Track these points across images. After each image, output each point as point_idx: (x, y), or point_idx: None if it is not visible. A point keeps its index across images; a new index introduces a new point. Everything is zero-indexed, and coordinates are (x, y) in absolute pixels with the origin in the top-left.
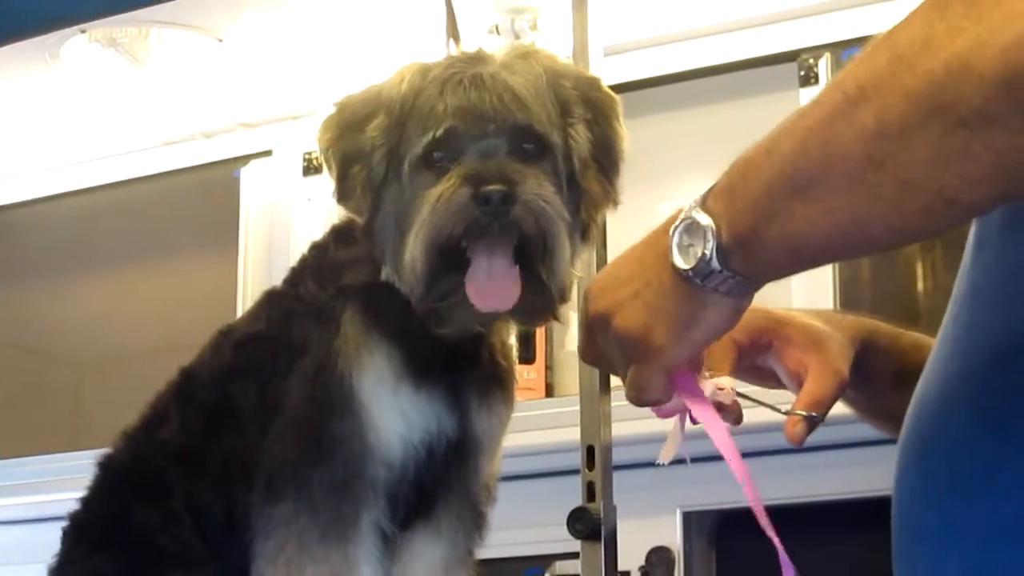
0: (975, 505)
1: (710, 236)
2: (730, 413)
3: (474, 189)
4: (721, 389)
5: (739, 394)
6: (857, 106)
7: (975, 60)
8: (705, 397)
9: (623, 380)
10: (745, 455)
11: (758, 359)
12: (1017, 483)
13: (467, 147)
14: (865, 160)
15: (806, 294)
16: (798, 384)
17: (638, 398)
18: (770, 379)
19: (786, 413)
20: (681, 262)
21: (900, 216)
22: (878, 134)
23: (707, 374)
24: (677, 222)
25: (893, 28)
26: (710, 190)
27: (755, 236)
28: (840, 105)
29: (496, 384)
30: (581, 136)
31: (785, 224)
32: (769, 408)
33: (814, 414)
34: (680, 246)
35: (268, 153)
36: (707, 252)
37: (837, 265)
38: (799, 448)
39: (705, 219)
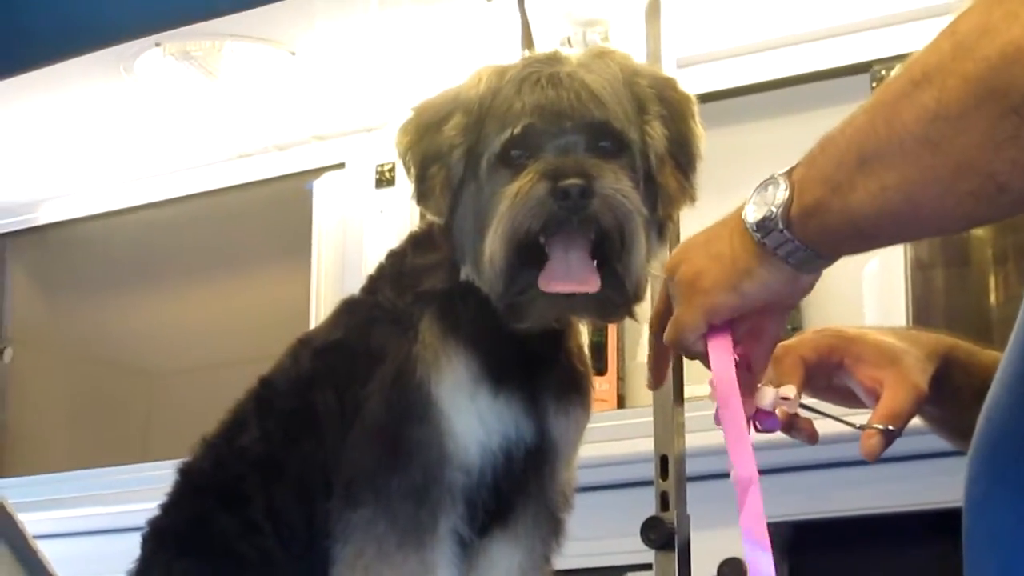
0: None
1: (781, 196)
2: (801, 431)
3: (552, 184)
4: (785, 399)
5: (805, 407)
6: (920, 88)
7: None
8: (731, 363)
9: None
10: (816, 467)
11: (833, 379)
12: None
13: (545, 144)
14: (923, 140)
15: (878, 305)
16: (875, 400)
17: (674, 333)
18: (850, 399)
19: (860, 427)
20: (750, 215)
21: (952, 197)
22: (937, 116)
23: (770, 385)
24: (761, 183)
25: (958, 16)
26: (799, 163)
27: (820, 205)
28: (906, 87)
29: (573, 389)
30: (657, 132)
31: (847, 196)
32: (842, 422)
33: (890, 427)
34: (755, 203)
35: (341, 166)
36: (774, 209)
37: (910, 278)
38: (866, 461)
39: (783, 182)
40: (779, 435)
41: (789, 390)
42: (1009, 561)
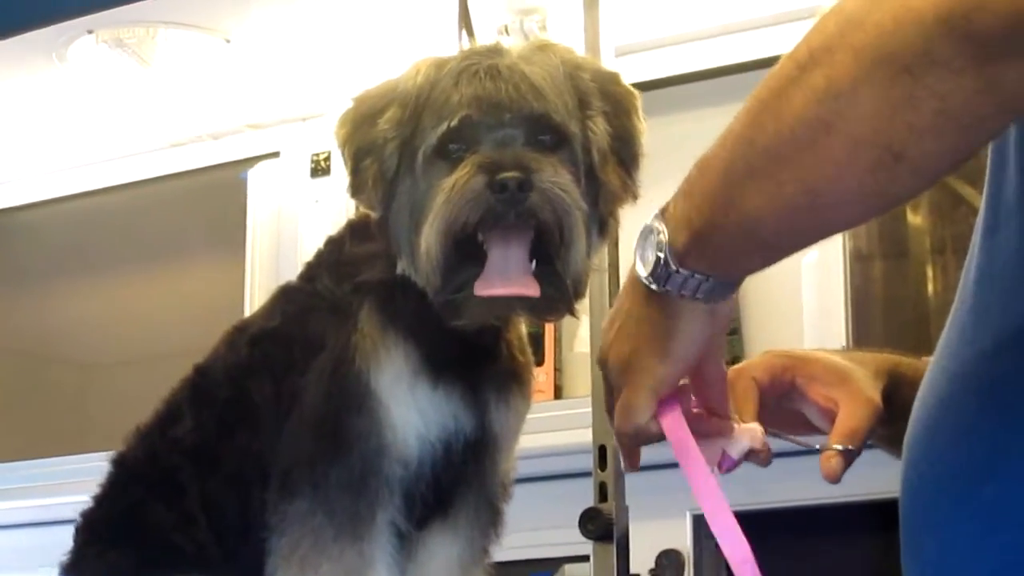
0: (983, 488)
1: (661, 237)
2: (757, 454)
3: (490, 176)
4: (754, 451)
5: (771, 433)
6: (807, 70)
7: (917, 3)
8: (685, 429)
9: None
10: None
11: (784, 401)
12: None
13: (483, 137)
14: (815, 123)
15: (817, 296)
16: (829, 420)
17: (625, 420)
18: (798, 425)
19: (819, 448)
20: (641, 271)
21: (851, 177)
22: (828, 93)
23: (737, 422)
24: (639, 237)
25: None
26: (672, 198)
27: (712, 227)
28: (791, 72)
29: (514, 380)
30: (600, 128)
31: (740, 206)
32: (802, 445)
33: (850, 447)
34: (642, 258)
35: (276, 155)
36: (660, 255)
37: (848, 269)
38: (806, 450)
39: (657, 224)
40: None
41: (757, 440)
42: (945, 545)
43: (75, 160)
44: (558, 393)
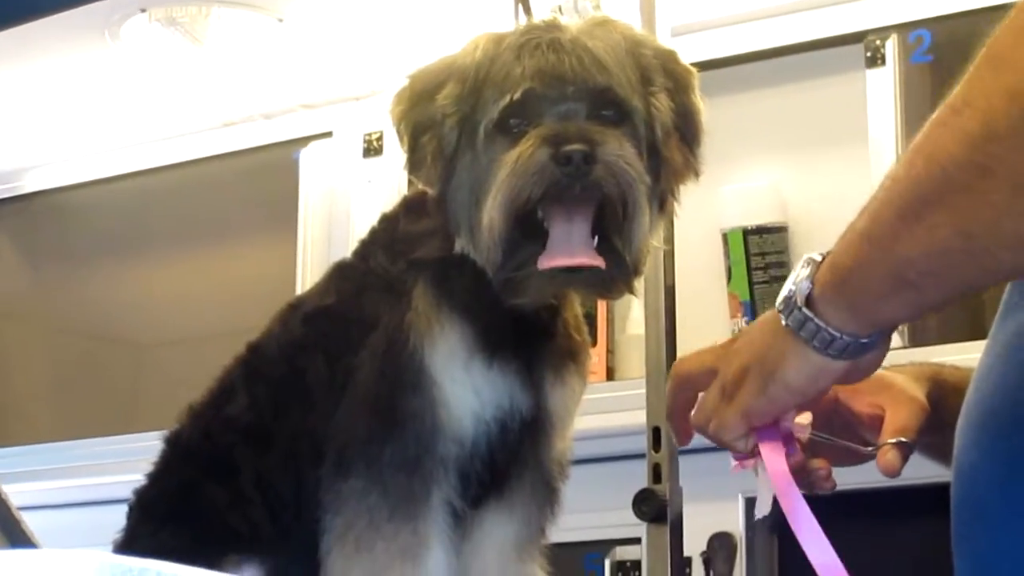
0: None
1: (804, 272)
2: (815, 473)
3: (554, 149)
4: (800, 425)
5: (817, 435)
6: (961, 114)
7: None
8: (783, 463)
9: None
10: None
11: (833, 419)
12: None
13: (545, 111)
14: (972, 165)
15: None
16: (879, 427)
17: (715, 434)
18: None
19: (873, 448)
20: (779, 297)
21: (1009, 220)
22: (984, 137)
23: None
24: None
25: (988, 42)
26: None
27: (858, 265)
28: (945, 117)
29: (570, 359)
30: (663, 105)
31: (888, 245)
32: (854, 448)
33: (903, 439)
34: (786, 284)
35: (328, 135)
36: (792, 288)
37: None
38: None
39: (810, 262)
40: None
41: (804, 417)
42: (996, 535)
43: (127, 139)
44: (610, 375)
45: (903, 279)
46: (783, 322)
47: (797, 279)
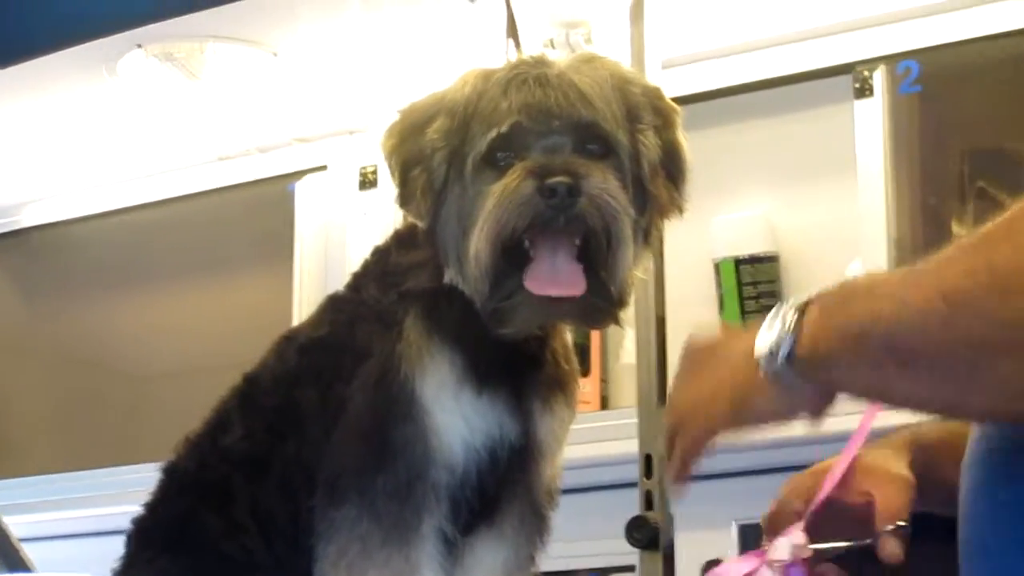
0: None
1: (788, 338)
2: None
3: (539, 181)
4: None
5: (822, 547)
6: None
7: None
8: None
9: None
10: (785, 469)
11: (828, 515)
12: None
13: (532, 144)
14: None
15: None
16: (872, 514)
17: (679, 463)
18: (853, 531)
19: (872, 540)
20: (758, 347)
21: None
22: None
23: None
24: (773, 310)
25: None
26: (819, 293)
27: (831, 362)
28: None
29: (559, 388)
30: (651, 142)
31: (864, 374)
32: (855, 546)
33: (899, 523)
34: (763, 333)
35: (323, 168)
36: (776, 344)
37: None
38: None
39: (791, 316)
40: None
41: (799, 536)
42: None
43: (124, 174)
44: (604, 404)
45: (866, 394)
46: (761, 367)
47: (779, 340)
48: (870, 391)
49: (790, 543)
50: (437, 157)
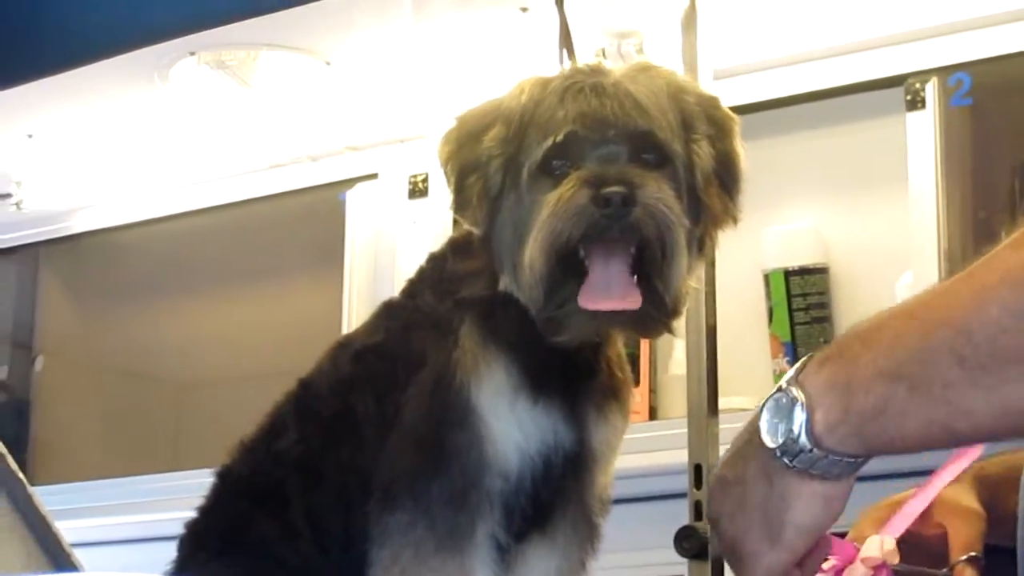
0: None
1: (799, 412)
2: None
3: (594, 191)
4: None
5: (902, 567)
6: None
7: None
8: None
9: None
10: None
11: (905, 548)
12: None
13: (587, 154)
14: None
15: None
16: (946, 546)
17: None
18: (931, 564)
19: (948, 569)
20: (769, 440)
21: None
22: None
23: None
24: (766, 398)
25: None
26: (809, 358)
27: (875, 411)
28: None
29: (613, 396)
30: (705, 152)
31: (924, 409)
32: (931, 573)
33: (972, 554)
34: (771, 425)
35: (374, 176)
36: (794, 428)
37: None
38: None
39: (793, 391)
40: None
41: (890, 541)
42: None
43: (176, 180)
44: (653, 414)
45: (924, 445)
46: (785, 463)
47: (794, 424)
48: (930, 428)
49: (880, 545)
50: (493, 164)
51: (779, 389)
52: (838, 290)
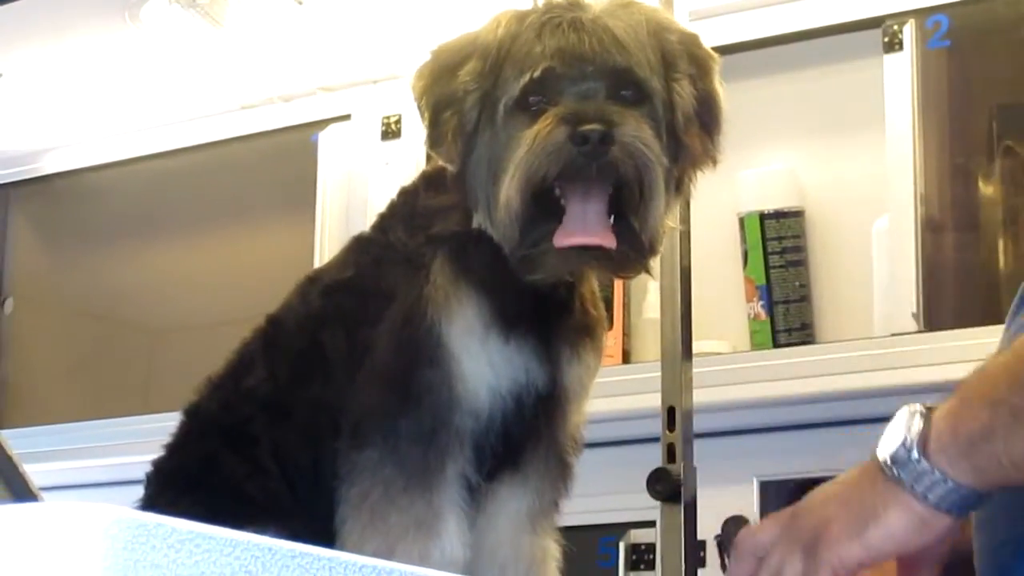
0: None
1: (915, 423)
2: None
3: (572, 129)
4: None
5: None
6: None
7: None
8: None
9: None
10: (823, 425)
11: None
12: None
13: (564, 89)
14: None
15: (888, 263)
16: None
17: None
18: None
19: None
20: (883, 450)
21: None
22: None
23: None
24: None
25: None
26: (945, 402)
27: (985, 431)
28: None
29: (586, 334)
30: (686, 91)
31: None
32: None
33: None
34: (889, 436)
35: (347, 117)
36: (908, 437)
37: (920, 238)
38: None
39: (920, 408)
40: (793, 391)
41: None
42: None
43: (146, 121)
44: (626, 358)
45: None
46: (892, 474)
47: (909, 434)
48: None
49: None
50: (469, 100)
51: (907, 409)
52: (813, 234)
